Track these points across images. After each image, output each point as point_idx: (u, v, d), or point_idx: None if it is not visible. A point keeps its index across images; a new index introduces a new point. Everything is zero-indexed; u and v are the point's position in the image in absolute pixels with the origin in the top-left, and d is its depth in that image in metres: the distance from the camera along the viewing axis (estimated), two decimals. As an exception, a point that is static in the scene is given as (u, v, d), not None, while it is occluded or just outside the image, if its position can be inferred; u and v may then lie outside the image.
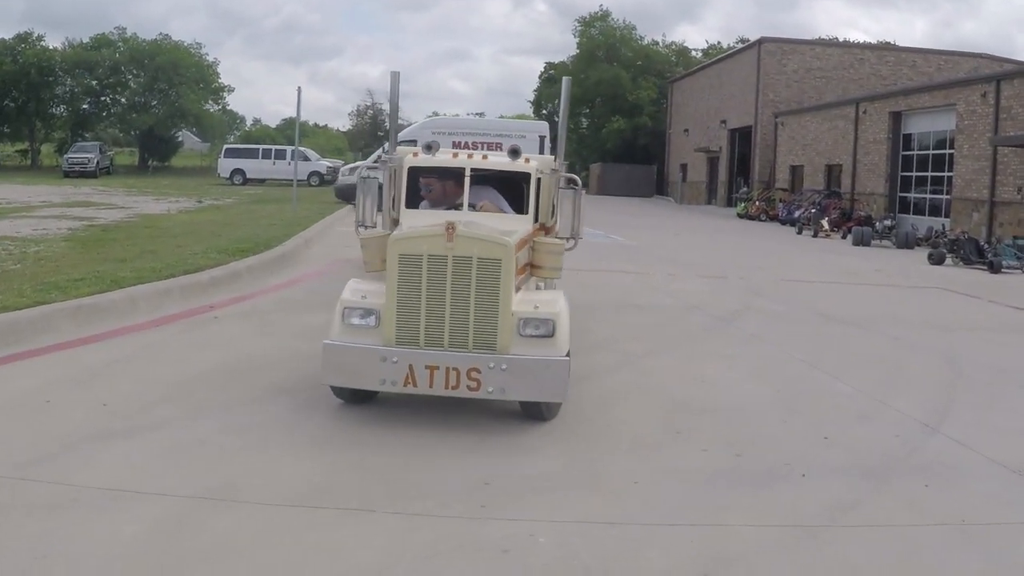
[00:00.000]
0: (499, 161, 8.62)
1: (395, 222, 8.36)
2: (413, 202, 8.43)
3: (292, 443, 6.64)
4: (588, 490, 6.00)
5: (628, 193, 66.93)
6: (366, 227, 8.39)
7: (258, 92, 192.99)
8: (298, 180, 55.02)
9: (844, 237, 33.38)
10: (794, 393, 8.89)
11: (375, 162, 9.66)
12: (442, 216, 7.73)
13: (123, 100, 78.48)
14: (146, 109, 76.46)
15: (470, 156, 8.75)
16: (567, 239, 8.82)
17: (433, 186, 8.51)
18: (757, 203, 46.06)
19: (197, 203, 33.60)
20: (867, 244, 30.21)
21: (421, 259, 6.93)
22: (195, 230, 20.14)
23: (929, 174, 37.20)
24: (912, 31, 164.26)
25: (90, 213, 25.58)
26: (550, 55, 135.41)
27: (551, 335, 7.04)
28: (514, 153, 8.43)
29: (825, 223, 34.52)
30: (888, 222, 31.65)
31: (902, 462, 6.90)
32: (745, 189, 52.14)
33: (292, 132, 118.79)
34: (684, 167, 66.85)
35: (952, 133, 34.89)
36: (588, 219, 10.36)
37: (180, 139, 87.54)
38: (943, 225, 33.14)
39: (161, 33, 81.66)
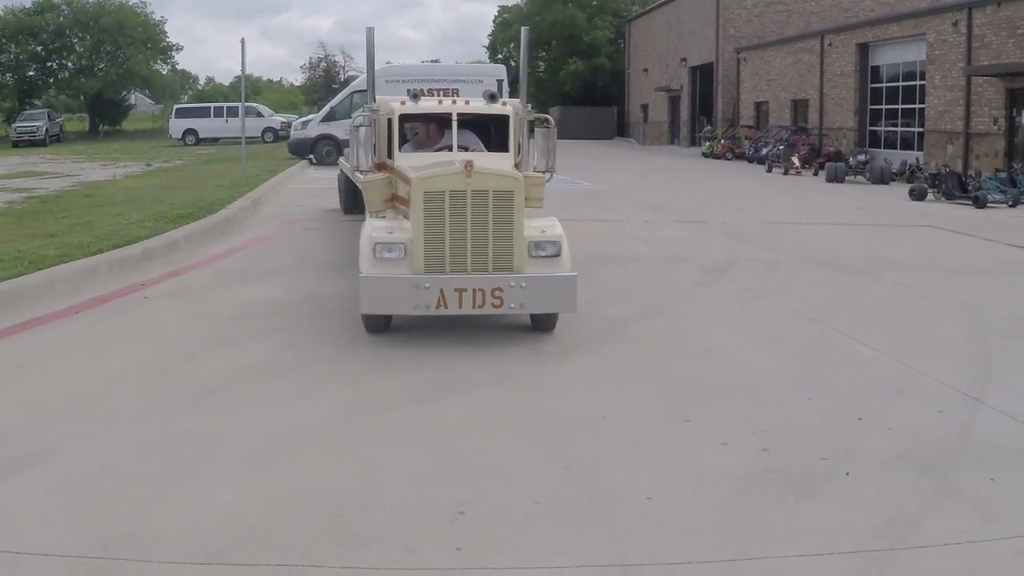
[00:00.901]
0: (480, 106, 9.51)
1: (380, 166, 9.34)
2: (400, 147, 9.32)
3: (215, 468, 5.32)
4: (589, 518, 4.73)
5: (589, 136, 65.34)
6: (362, 172, 9.21)
7: (210, 50, 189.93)
8: (252, 137, 54.87)
9: (816, 174, 32.27)
10: (812, 361, 7.74)
11: (361, 113, 10.13)
12: (434, 157, 8.91)
13: (69, 65, 75.63)
14: (93, 73, 73.66)
15: (454, 102, 9.68)
16: (544, 172, 9.47)
17: (418, 129, 9.59)
18: (722, 141, 44.84)
19: (145, 167, 32.52)
20: (841, 180, 29.07)
21: (444, 195, 7.69)
22: (137, 196, 18.78)
23: (899, 107, 36.09)
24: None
25: (31, 184, 24.26)
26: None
27: (558, 254, 8.05)
28: (492, 98, 9.47)
29: (795, 160, 33.35)
30: (862, 157, 30.46)
31: (956, 448, 5.76)
32: (709, 128, 51.00)
33: (247, 89, 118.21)
34: (645, 108, 65.43)
35: (922, 64, 33.78)
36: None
37: (131, 102, 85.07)
38: (917, 159, 32.02)
39: (104, -7, 78.95)
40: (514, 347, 8.01)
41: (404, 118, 9.30)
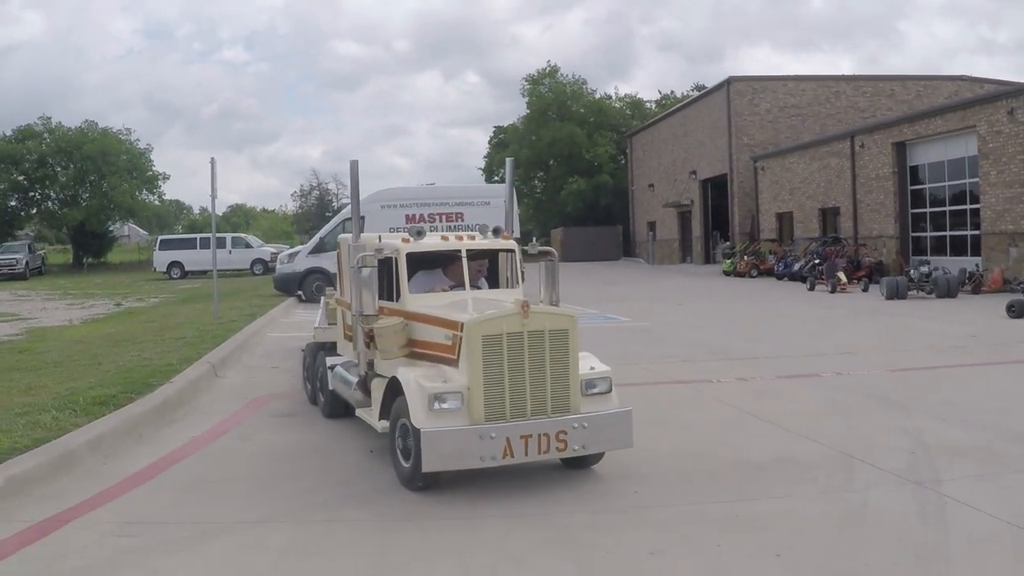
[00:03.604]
0: (487, 241, 9.13)
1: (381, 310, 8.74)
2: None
3: None
4: None
5: (594, 257, 62.47)
6: (366, 316, 8.53)
7: (202, 181, 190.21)
8: (241, 269, 51.58)
9: (865, 289, 28.70)
10: None
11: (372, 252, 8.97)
12: (445, 297, 8.65)
13: (52, 195, 72.31)
14: (77, 203, 70.44)
15: (459, 238, 9.12)
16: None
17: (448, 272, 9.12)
18: (745, 258, 41.52)
19: (115, 307, 29.20)
20: (903, 296, 25.52)
21: (501, 338, 7.38)
22: (76, 353, 15.05)
23: (947, 209, 33.04)
24: (840, 71, 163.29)
25: (-28, 331, 20.60)
26: (486, 125, 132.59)
27: (609, 390, 7.91)
28: (496, 232, 9.14)
29: (842, 275, 29.71)
30: (924, 269, 26.76)
31: None
32: (727, 244, 47.76)
33: (239, 219, 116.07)
34: (652, 225, 62.43)
35: (972, 160, 30.64)
36: (564, 293, 9.72)
37: (116, 233, 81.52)
38: (977, 265, 28.79)
39: (87, 120, 75.99)
40: None
41: (411, 258, 8.80)
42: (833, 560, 5.82)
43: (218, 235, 54.49)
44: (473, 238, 9.19)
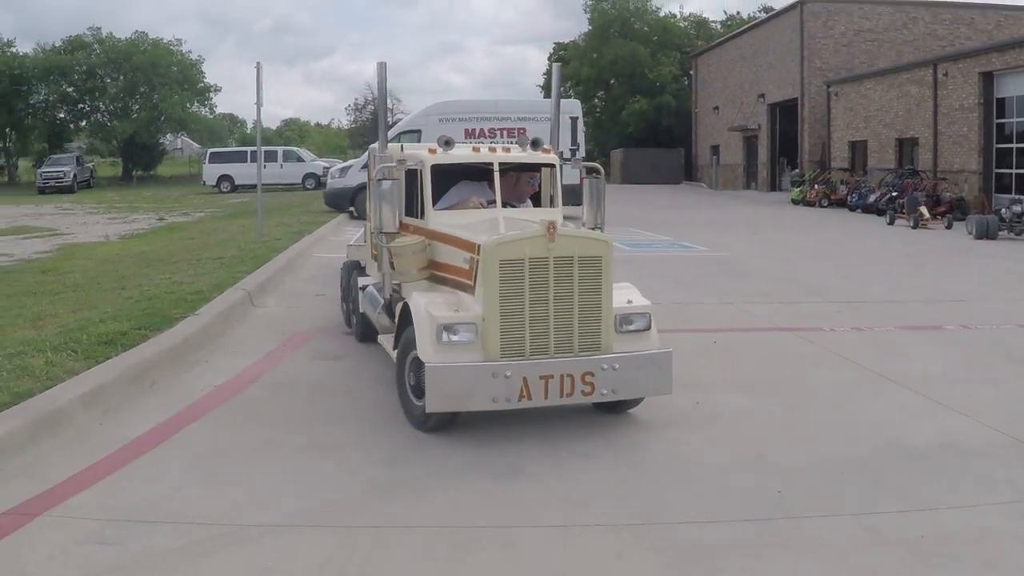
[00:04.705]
0: (524, 155, 8.26)
1: (403, 227, 8.00)
2: (435, 203, 7.99)
3: None
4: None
5: (654, 180, 60.63)
6: (387, 234, 7.75)
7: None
8: (292, 183, 50.35)
9: (949, 227, 26.87)
10: None
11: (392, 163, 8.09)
12: (474, 215, 7.76)
13: (102, 106, 71.21)
14: (127, 115, 69.42)
15: (492, 149, 8.26)
16: (592, 229, 8.03)
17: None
18: (816, 187, 39.51)
19: (157, 221, 28.15)
20: (993, 237, 23.71)
21: (523, 263, 6.55)
22: (103, 275, 13.90)
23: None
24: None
25: (3, 247, 19.58)
26: (543, 43, 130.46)
27: (648, 328, 7.00)
28: (535, 144, 8.21)
29: (924, 211, 27.91)
30: (1017, 208, 24.85)
31: None
32: (797, 172, 45.80)
33: (292, 133, 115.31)
34: (716, 149, 60.30)
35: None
36: (628, 216, 9.13)
37: (164, 146, 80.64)
38: (1072, 207, 26.70)
39: (138, 31, 74.92)
40: None
41: (438, 169, 7.96)
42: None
43: (269, 148, 54.06)
44: (507, 149, 8.45)
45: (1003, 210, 25.05)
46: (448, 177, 8.23)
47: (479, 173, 8.25)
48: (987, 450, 6.56)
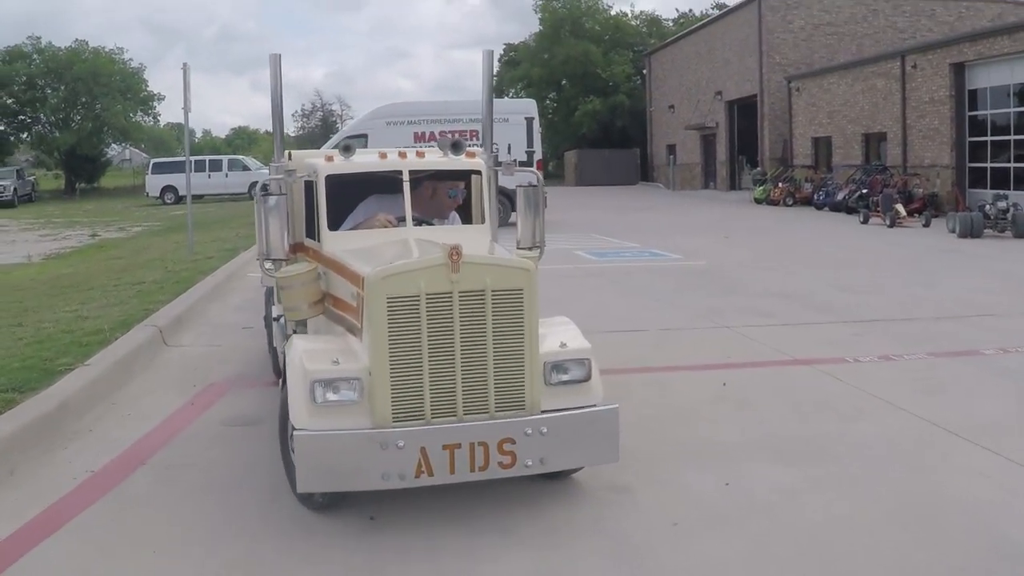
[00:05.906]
0: (439, 160, 6.77)
1: (297, 249, 6.79)
2: (335, 222, 6.48)
3: None
4: None
5: (609, 182, 59.39)
6: (274, 261, 6.40)
7: (203, 105, 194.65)
8: (238, 193, 48.66)
9: (927, 224, 25.65)
10: None
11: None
12: (379, 236, 6.29)
13: (43, 117, 69.23)
14: (68, 126, 67.61)
15: (402, 155, 6.73)
16: (530, 248, 6.79)
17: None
18: (780, 185, 38.26)
19: (89, 238, 26.96)
20: (978, 235, 22.39)
21: (418, 300, 5.02)
22: (5, 306, 12.32)
23: (1011, 138, 29.55)
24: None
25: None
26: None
27: (587, 378, 5.43)
28: (456, 147, 6.64)
29: (901, 208, 26.59)
30: (1002, 204, 23.51)
31: None
32: (758, 169, 44.63)
33: (241, 141, 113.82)
34: (672, 148, 59.01)
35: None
36: (588, 220, 6.11)
37: (107, 157, 78.54)
38: (1053, 201, 25.47)
39: (78, 39, 72.69)
40: None
41: (334, 180, 6.41)
42: None
43: (214, 157, 52.10)
44: (420, 154, 7.06)
45: (987, 206, 23.72)
46: (354, 190, 6.78)
47: (393, 184, 6.64)
48: None
